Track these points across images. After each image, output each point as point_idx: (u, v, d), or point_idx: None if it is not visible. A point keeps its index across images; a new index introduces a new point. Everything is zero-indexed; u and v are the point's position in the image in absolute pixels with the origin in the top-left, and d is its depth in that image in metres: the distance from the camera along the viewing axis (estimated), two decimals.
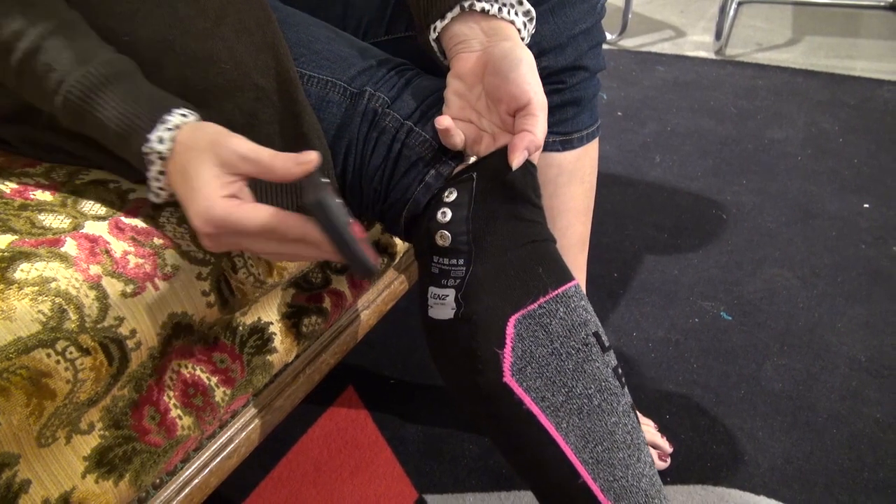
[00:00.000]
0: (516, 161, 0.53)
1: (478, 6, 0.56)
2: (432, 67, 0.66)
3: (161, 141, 0.51)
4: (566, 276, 0.58)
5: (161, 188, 0.53)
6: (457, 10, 0.57)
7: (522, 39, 0.58)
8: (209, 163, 0.50)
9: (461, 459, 0.94)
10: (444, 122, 0.56)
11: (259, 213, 0.49)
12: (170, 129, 0.51)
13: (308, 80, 0.61)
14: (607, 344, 0.59)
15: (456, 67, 0.59)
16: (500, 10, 0.56)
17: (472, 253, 0.57)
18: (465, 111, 0.59)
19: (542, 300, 0.56)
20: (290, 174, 0.49)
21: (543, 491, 0.61)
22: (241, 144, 0.50)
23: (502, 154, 0.55)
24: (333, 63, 0.61)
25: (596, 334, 0.58)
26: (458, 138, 0.58)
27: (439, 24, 0.59)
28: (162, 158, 0.51)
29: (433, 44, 0.62)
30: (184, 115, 0.52)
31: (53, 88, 0.51)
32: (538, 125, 0.53)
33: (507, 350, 0.55)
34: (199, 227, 0.50)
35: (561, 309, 0.56)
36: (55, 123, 0.61)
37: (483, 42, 0.57)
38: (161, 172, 0.52)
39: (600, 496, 0.56)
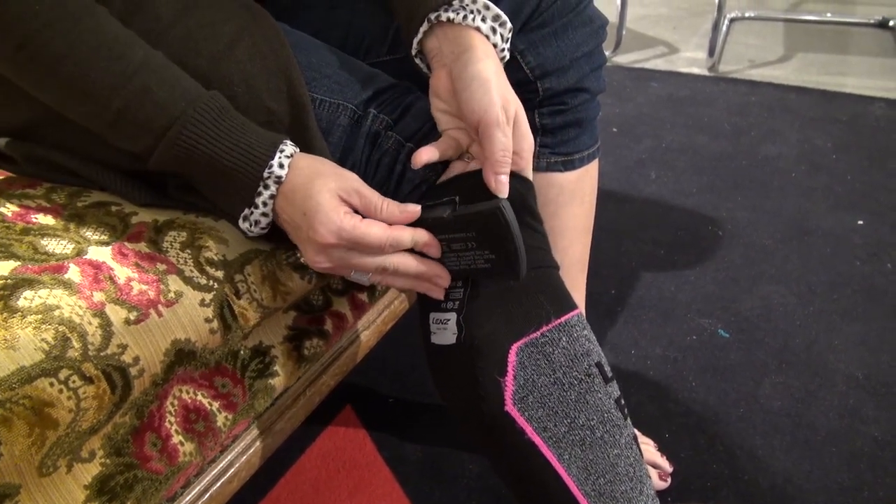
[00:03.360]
0: (501, 192, 0.54)
1: (444, 16, 0.57)
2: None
3: (281, 166, 0.54)
4: (569, 305, 0.58)
5: (264, 214, 0.55)
6: (426, 24, 0.58)
7: (495, 46, 0.59)
8: (331, 186, 0.54)
9: (460, 479, 0.93)
10: (421, 158, 0.57)
11: (377, 228, 0.53)
12: (288, 157, 0.54)
13: (319, 105, 0.62)
14: (610, 375, 0.59)
15: (432, 85, 0.60)
16: (464, 17, 0.57)
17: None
18: (456, 122, 0.60)
19: (544, 328, 0.55)
20: (392, 218, 0.55)
21: None
22: (359, 180, 0.55)
23: (473, 175, 0.56)
24: (344, 87, 0.62)
25: (598, 364, 0.58)
26: (449, 152, 0.59)
27: (415, 42, 0.60)
28: (278, 183, 0.54)
29: (419, 63, 0.62)
30: (293, 145, 0.56)
31: (164, 125, 0.53)
32: (495, 144, 0.54)
33: (510, 378, 0.55)
34: (324, 238, 0.53)
35: (564, 338, 0.56)
36: (60, 142, 0.61)
37: (449, 54, 0.58)
38: (272, 197, 0.54)
39: None
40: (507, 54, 0.61)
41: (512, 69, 0.74)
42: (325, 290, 0.72)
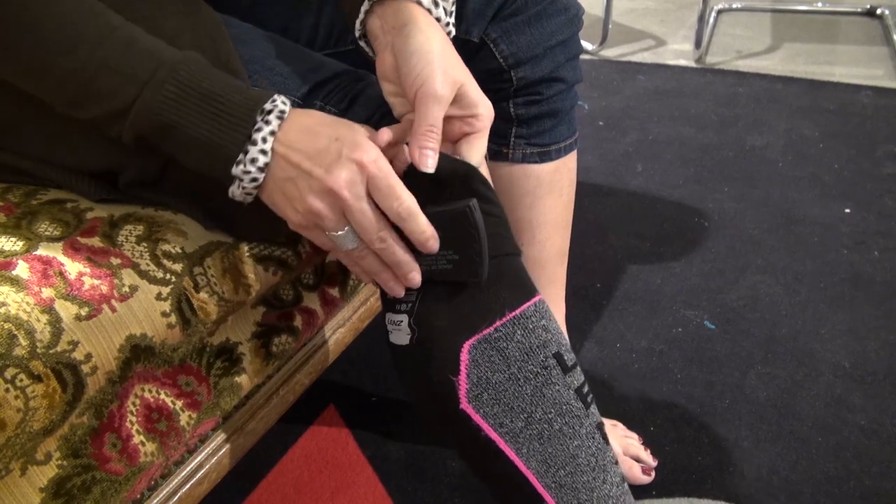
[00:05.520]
0: (423, 166, 0.51)
1: None
2: None
3: (285, 103, 0.51)
4: (526, 294, 0.57)
5: (263, 151, 0.50)
6: (366, 3, 0.56)
7: (439, 20, 0.56)
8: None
9: (443, 477, 0.92)
10: (382, 138, 0.53)
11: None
12: (285, 102, 0.51)
13: None
14: (570, 363, 0.58)
15: (378, 69, 0.57)
16: None
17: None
18: (410, 106, 0.56)
19: (497, 323, 0.54)
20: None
21: None
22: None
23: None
24: (287, 79, 0.60)
25: (557, 355, 0.56)
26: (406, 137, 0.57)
27: (357, 23, 0.58)
28: (280, 118, 0.50)
29: (365, 47, 0.60)
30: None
31: (152, 68, 0.49)
32: (424, 117, 0.51)
33: (462, 377, 0.54)
34: (367, 155, 0.49)
35: (518, 332, 0.55)
36: (9, 144, 0.59)
37: (391, 30, 0.55)
38: (272, 133, 0.50)
39: None
40: (452, 29, 0.58)
41: (485, 58, 0.73)
42: (296, 285, 0.71)
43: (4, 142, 0.59)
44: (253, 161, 0.50)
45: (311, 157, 0.50)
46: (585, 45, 2.18)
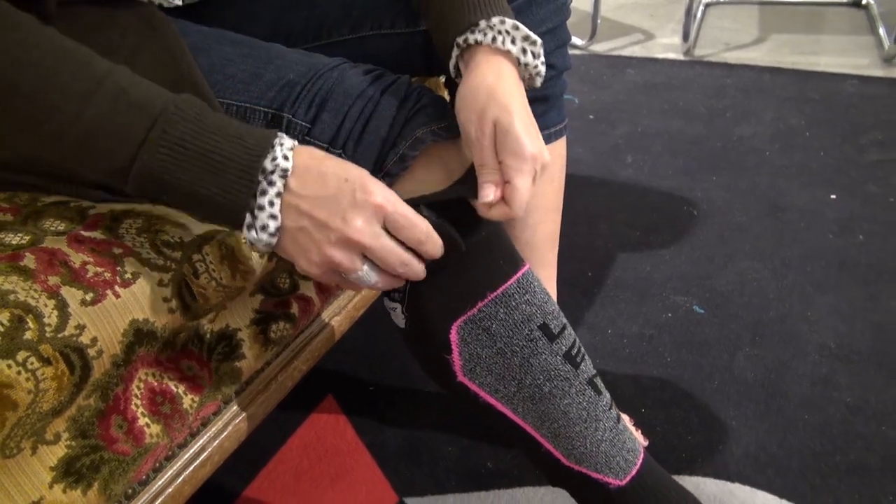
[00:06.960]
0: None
1: (471, 39, 0.58)
2: (397, 67, 0.67)
3: (286, 158, 0.49)
4: (508, 271, 0.60)
5: (272, 216, 0.49)
6: (456, 49, 0.59)
7: (526, 66, 0.58)
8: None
9: (440, 461, 0.94)
10: (487, 200, 0.56)
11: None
12: (291, 149, 0.49)
13: (227, 109, 0.60)
14: (557, 329, 0.61)
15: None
16: (493, 39, 0.57)
17: None
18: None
19: (480, 304, 0.58)
20: None
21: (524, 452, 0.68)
22: None
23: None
24: (249, 85, 0.59)
25: (542, 326, 0.60)
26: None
27: (452, 67, 0.61)
28: (284, 177, 0.48)
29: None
30: (289, 137, 0.51)
31: (145, 126, 0.47)
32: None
33: (455, 355, 0.59)
34: (383, 199, 0.49)
35: (501, 311, 0.59)
36: (13, 164, 0.61)
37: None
38: (278, 194, 0.48)
39: (563, 460, 0.63)
40: (542, 69, 0.60)
41: None
42: (293, 274, 0.73)
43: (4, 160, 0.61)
44: (264, 228, 0.49)
45: (323, 204, 0.49)
46: (575, 40, 2.20)
